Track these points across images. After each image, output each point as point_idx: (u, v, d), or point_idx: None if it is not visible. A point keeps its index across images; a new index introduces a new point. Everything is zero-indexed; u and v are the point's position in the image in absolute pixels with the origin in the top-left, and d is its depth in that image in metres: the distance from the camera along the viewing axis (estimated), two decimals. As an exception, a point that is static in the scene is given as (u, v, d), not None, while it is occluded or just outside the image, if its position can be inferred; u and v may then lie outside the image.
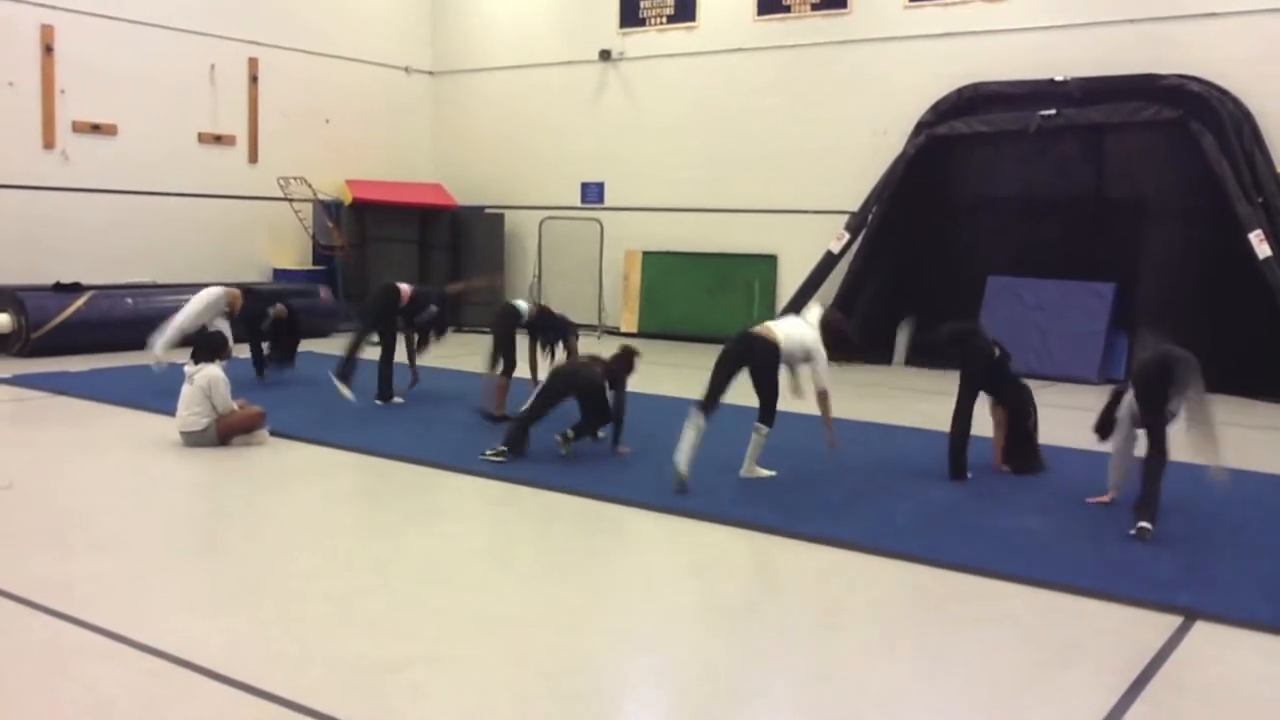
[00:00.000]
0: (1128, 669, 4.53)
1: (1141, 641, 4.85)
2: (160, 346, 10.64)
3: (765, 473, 7.54)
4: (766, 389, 7.40)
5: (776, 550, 6.22)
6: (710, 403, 7.27)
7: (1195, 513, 7.04)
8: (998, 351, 7.85)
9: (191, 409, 8.33)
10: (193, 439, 8.33)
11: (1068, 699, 4.31)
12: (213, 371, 8.43)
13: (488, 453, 7.87)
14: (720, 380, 7.34)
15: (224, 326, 10.79)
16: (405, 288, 10.37)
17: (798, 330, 7.59)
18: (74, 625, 4.65)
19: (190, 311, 10.79)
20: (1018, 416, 7.83)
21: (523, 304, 10.11)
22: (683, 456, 7.10)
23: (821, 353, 7.52)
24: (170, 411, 9.38)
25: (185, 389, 8.41)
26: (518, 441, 7.97)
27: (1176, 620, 5.11)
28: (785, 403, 7.51)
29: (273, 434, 8.63)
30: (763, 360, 7.39)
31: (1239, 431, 9.88)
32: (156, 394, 10.16)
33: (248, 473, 7.80)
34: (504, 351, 9.54)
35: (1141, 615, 5.18)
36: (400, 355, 10.36)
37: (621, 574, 5.88)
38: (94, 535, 6.06)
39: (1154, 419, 6.58)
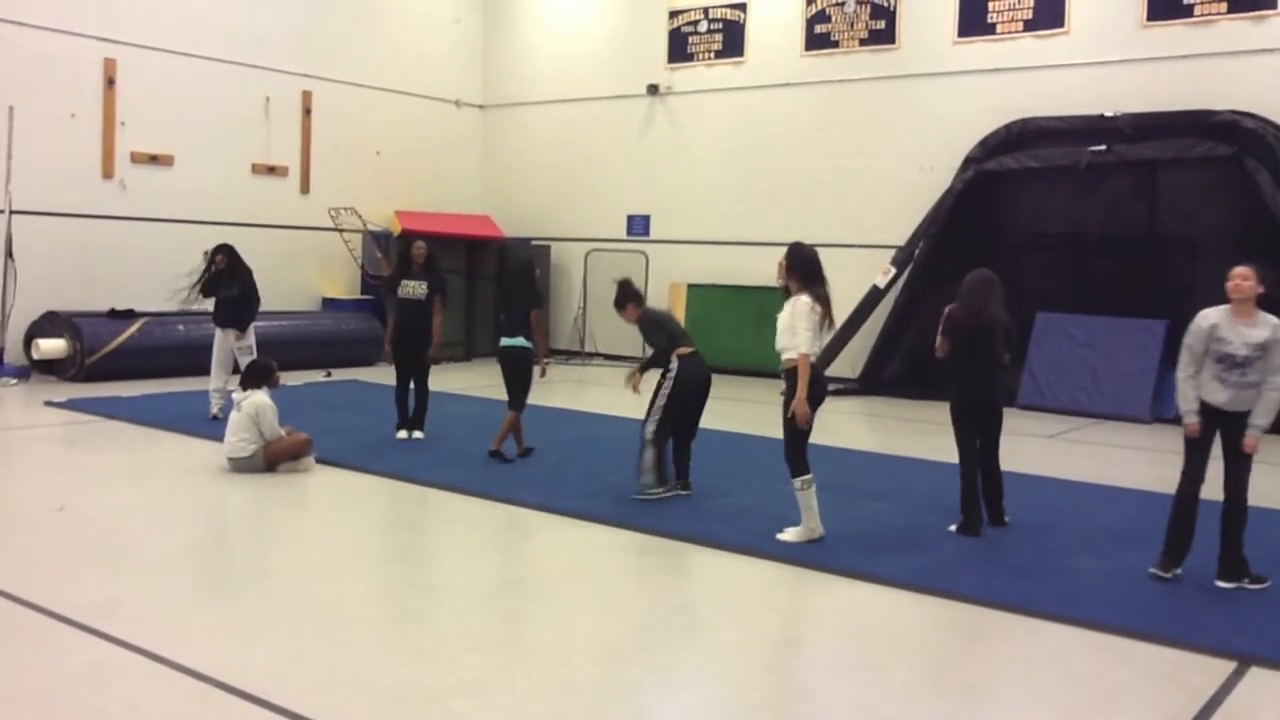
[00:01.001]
0: (1179, 715, 4.43)
1: (1193, 686, 4.74)
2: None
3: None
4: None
5: (819, 586, 6.16)
6: None
7: (1250, 556, 6.88)
8: None
9: (239, 435, 8.42)
10: (240, 465, 8.41)
11: (1117, 744, 4.22)
12: (260, 399, 8.53)
13: (650, 493, 7.71)
14: None
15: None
16: None
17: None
18: (119, 647, 4.70)
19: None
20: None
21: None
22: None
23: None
24: (218, 437, 9.51)
25: (233, 415, 8.52)
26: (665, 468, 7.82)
27: (1230, 665, 4.98)
28: (831, 438, 7.39)
29: (318, 461, 8.70)
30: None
31: None
32: (205, 420, 10.31)
33: (292, 499, 7.86)
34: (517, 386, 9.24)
35: (1193, 659, 5.07)
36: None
37: (664, 608, 5.84)
38: (141, 558, 6.13)
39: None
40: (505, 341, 9.11)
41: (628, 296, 8.16)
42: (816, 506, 6.81)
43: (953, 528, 7.20)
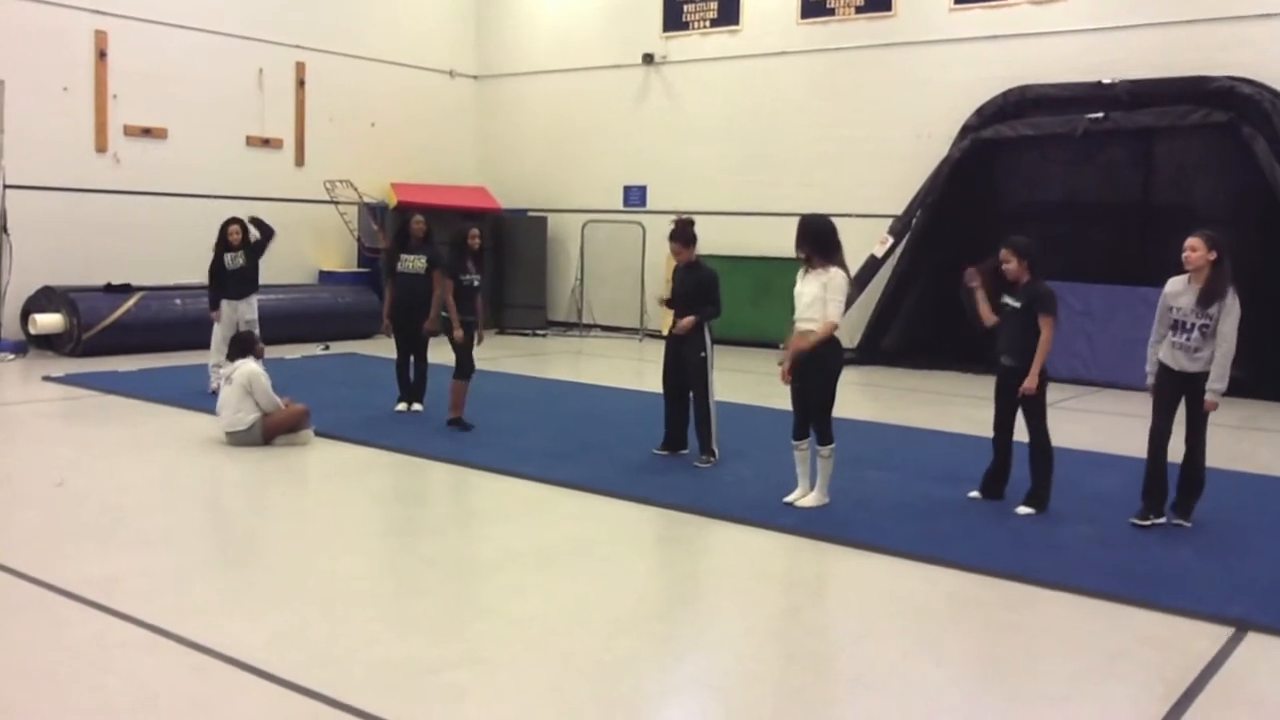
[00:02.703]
0: (1177, 680, 4.46)
1: (1191, 652, 4.77)
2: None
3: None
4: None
5: (816, 555, 6.19)
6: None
7: (1244, 523, 6.94)
8: None
9: (236, 408, 8.42)
10: (239, 438, 8.42)
11: (1115, 709, 4.25)
12: (251, 367, 8.51)
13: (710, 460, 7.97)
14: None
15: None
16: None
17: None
18: (121, 620, 4.72)
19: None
20: None
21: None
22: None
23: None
24: (215, 410, 9.51)
25: (224, 390, 8.51)
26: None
27: (1227, 631, 5.01)
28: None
29: (317, 434, 8.70)
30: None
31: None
32: (204, 394, 10.31)
33: (291, 472, 7.87)
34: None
35: (1191, 625, 5.10)
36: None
37: (664, 578, 5.87)
38: (141, 533, 6.14)
39: None
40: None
41: (691, 238, 8.13)
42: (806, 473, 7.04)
43: (974, 493, 7.24)
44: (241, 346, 8.78)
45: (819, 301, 6.78)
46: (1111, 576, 5.73)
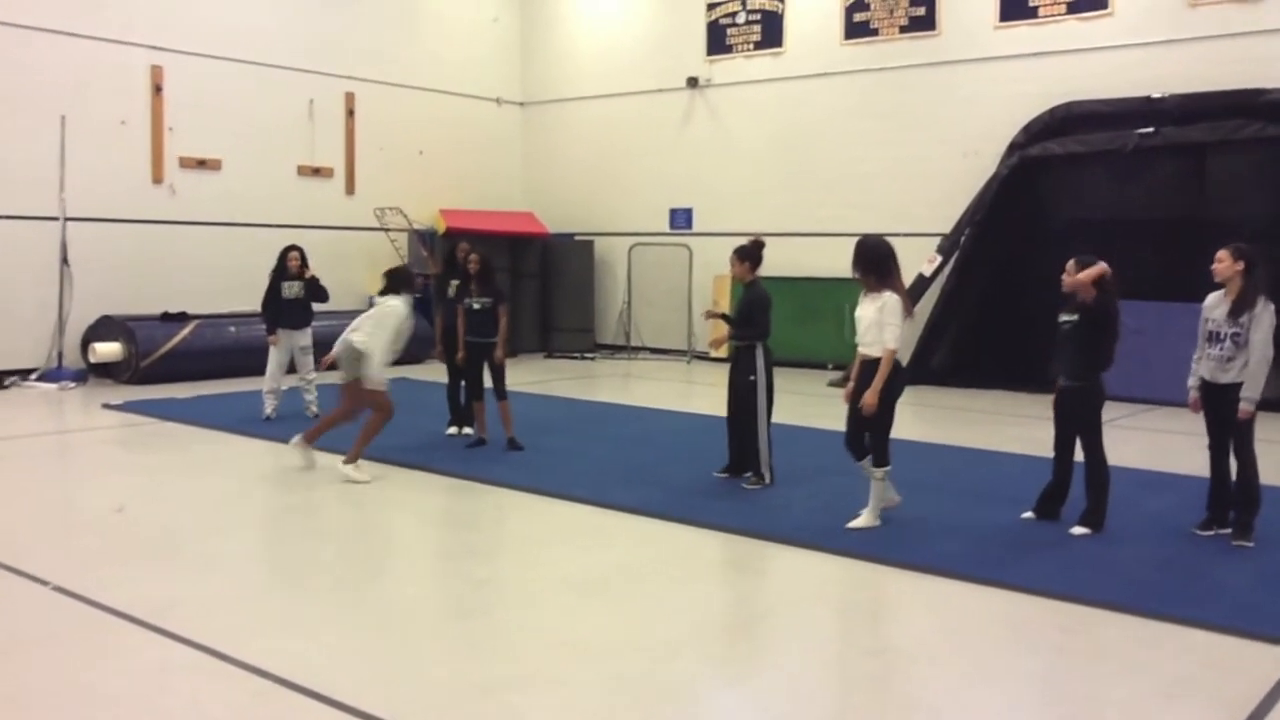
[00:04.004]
0: (1240, 705, 4.37)
1: (1255, 676, 4.68)
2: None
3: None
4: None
5: (869, 577, 6.15)
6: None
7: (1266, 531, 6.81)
8: None
9: (357, 328, 8.39)
10: (346, 356, 8.35)
11: (1176, 733, 4.19)
12: (395, 302, 8.50)
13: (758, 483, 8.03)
14: None
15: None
16: None
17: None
18: (180, 644, 4.79)
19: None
20: None
21: None
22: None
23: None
24: (272, 438, 9.66)
25: (360, 319, 8.52)
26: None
27: (1291, 653, 4.91)
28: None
29: (369, 459, 8.79)
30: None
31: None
32: (259, 421, 10.46)
33: (344, 497, 7.95)
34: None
35: (1254, 648, 5.00)
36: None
37: (717, 602, 5.86)
38: (199, 556, 6.24)
39: None
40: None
41: (757, 259, 8.13)
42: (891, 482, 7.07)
43: (1028, 514, 7.17)
44: (398, 282, 8.73)
45: (875, 326, 6.77)
46: (1170, 598, 5.65)
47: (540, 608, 5.55)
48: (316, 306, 11.13)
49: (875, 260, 6.87)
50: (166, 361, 13.50)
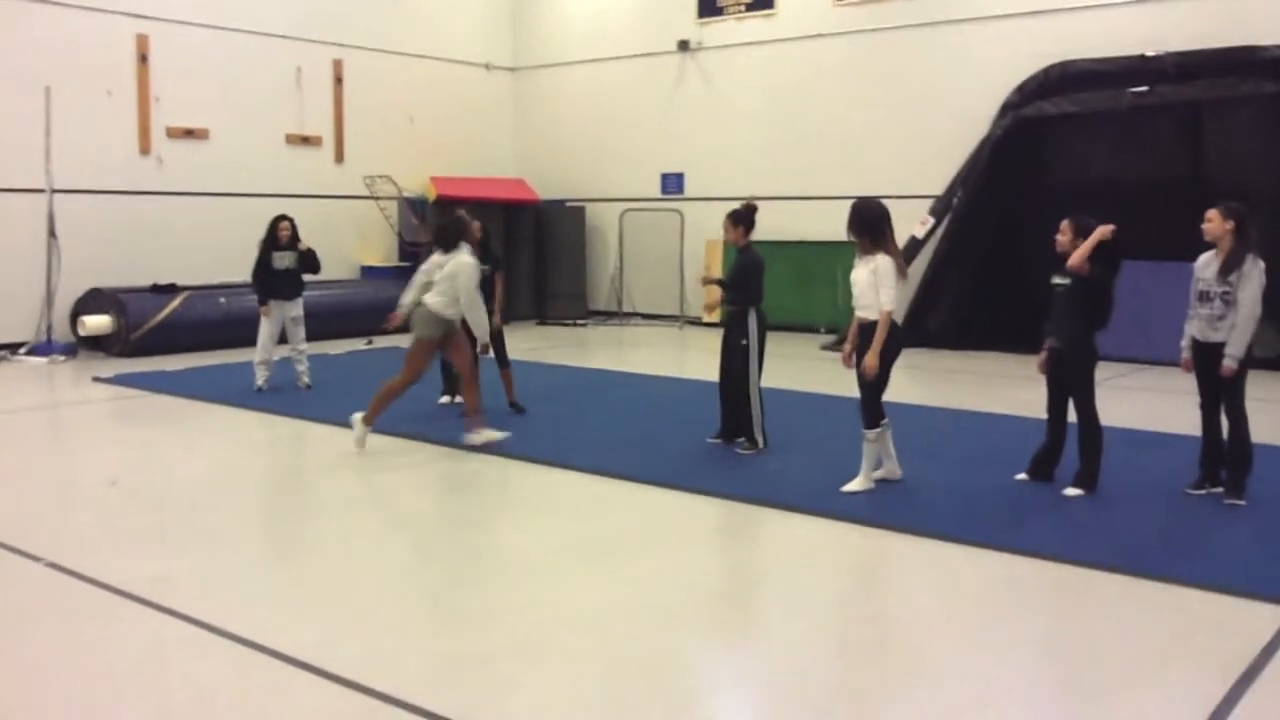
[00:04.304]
0: (1236, 661, 4.38)
1: (1250, 634, 4.68)
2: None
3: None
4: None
5: (864, 541, 6.15)
6: None
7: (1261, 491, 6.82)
8: None
9: (434, 289, 8.10)
10: (423, 321, 8.14)
11: (1175, 693, 4.19)
12: (465, 258, 8.13)
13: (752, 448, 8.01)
14: None
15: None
16: None
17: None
18: (177, 619, 4.77)
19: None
20: None
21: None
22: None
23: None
24: (265, 409, 9.63)
25: (432, 276, 8.21)
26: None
27: (1286, 612, 4.92)
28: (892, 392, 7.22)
29: (367, 426, 8.76)
30: None
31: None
32: (251, 393, 10.42)
33: (338, 469, 7.93)
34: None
35: (1249, 606, 5.01)
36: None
37: (713, 568, 5.85)
38: (193, 530, 6.22)
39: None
40: None
41: (750, 223, 8.08)
42: (892, 453, 7.11)
43: (1021, 475, 7.17)
44: (449, 235, 8.29)
45: (870, 288, 6.75)
46: (1165, 558, 5.65)
47: (538, 577, 5.54)
48: (309, 277, 11.04)
49: (869, 222, 6.84)
50: (157, 334, 13.42)
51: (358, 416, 8.18)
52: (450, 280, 8.07)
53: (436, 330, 8.17)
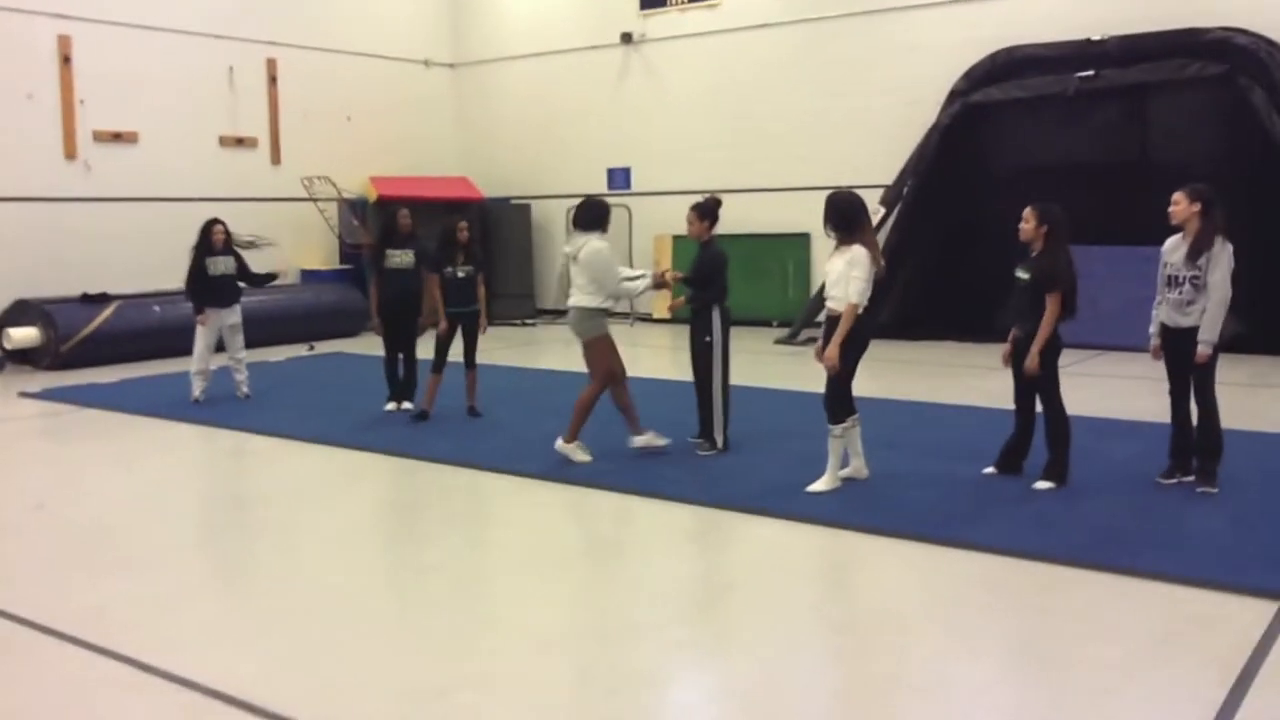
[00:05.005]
0: (1229, 662, 4.20)
1: (1240, 630, 4.51)
2: None
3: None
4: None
5: (833, 544, 5.92)
6: None
7: (1270, 486, 6.70)
8: None
9: (579, 284, 7.59)
10: (581, 319, 7.65)
11: (1171, 696, 3.99)
12: (596, 244, 7.57)
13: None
14: None
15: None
16: None
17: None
18: (103, 656, 4.41)
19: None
20: None
21: None
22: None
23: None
24: (202, 422, 9.24)
25: (569, 270, 7.70)
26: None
27: (1273, 606, 4.75)
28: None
29: (304, 441, 8.40)
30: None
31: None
32: (187, 404, 9.99)
33: (282, 484, 7.57)
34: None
35: (1234, 601, 4.84)
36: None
37: (679, 578, 5.57)
38: (126, 557, 5.84)
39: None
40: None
41: (715, 216, 7.85)
42: (860, 450, 6.87)
43: (989, 469, 6.99)
44: (591, 216, 7.68)
45: (843, 280, 6.54)
46: (1144, 552, 5.48)
47: (493, 594, 5.25)
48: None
49: (844, 214, 6.67)
50: (88, 345, 12.90)
51: (560, 444, 7.62)
52: (585, 270, 7.57)
53: (601, 324, 7.71)
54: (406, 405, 9.61)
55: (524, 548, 5.94)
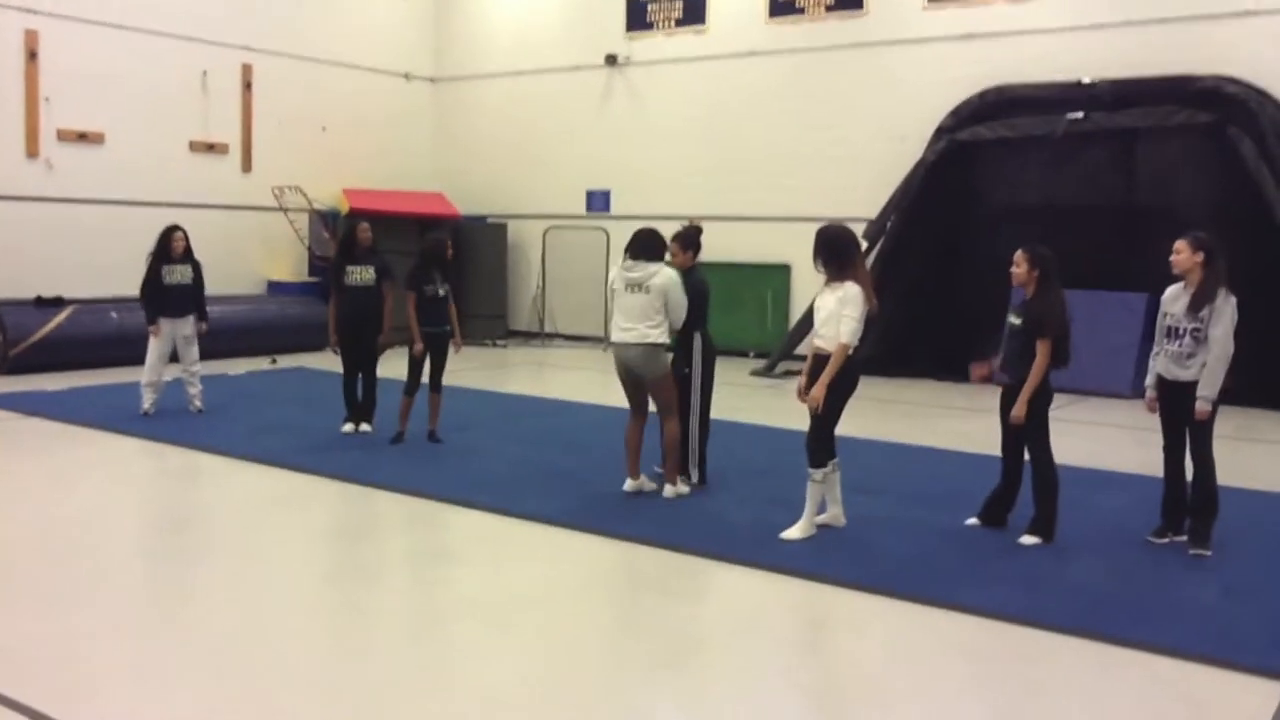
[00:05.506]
0: (1232, 752, 3.88)
1: (1241, 714, 4.18)
2: None
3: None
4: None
5: (808, 599, 5.56)
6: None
7: (1266, 550, 6.40)
8: None
9: (643, 317, 6.96)
10: (642, 359, 7.02)
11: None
12: (667, 272, 7.06)
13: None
14: None
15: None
16: None
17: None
18: (3, 708, 3.99)
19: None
20: None
21: None
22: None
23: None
24: (150, 436, 8.83)
25: (624, 299, 7.04)
26: None
27: (1275, 686, 4.43)
28: (807, 422, 6.65)
29: (255, 461, 7.98)
30: None
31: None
32: (136, 417, 9.56)
33: (225, 509, 7.16)
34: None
35: (1234, 680, 4.51)
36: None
37: (639, 632, 5.19)
38: (45, 588, 5.40)
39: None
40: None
41: (698, 245, 7.58)
42: (838, 496, 6.56)
43: (972, 520, 6.67)
44: (651, 247, 7.12)
45: (834, 319, 6.23)
46: (1135, 620, 5.15)
47: (439, 643, 4.86)
48: (208, 274, 10.21)
49: (836, 249, 6.38)
50: (40, 350, 12.42)
51: (669, 490, 7.20)
52: (658, 299, 7.00)
53: (667, 360, 7.20)
54: (365, 427, 9.21)
55: (476, 590, 5.55)
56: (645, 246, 7.19)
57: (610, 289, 7.37)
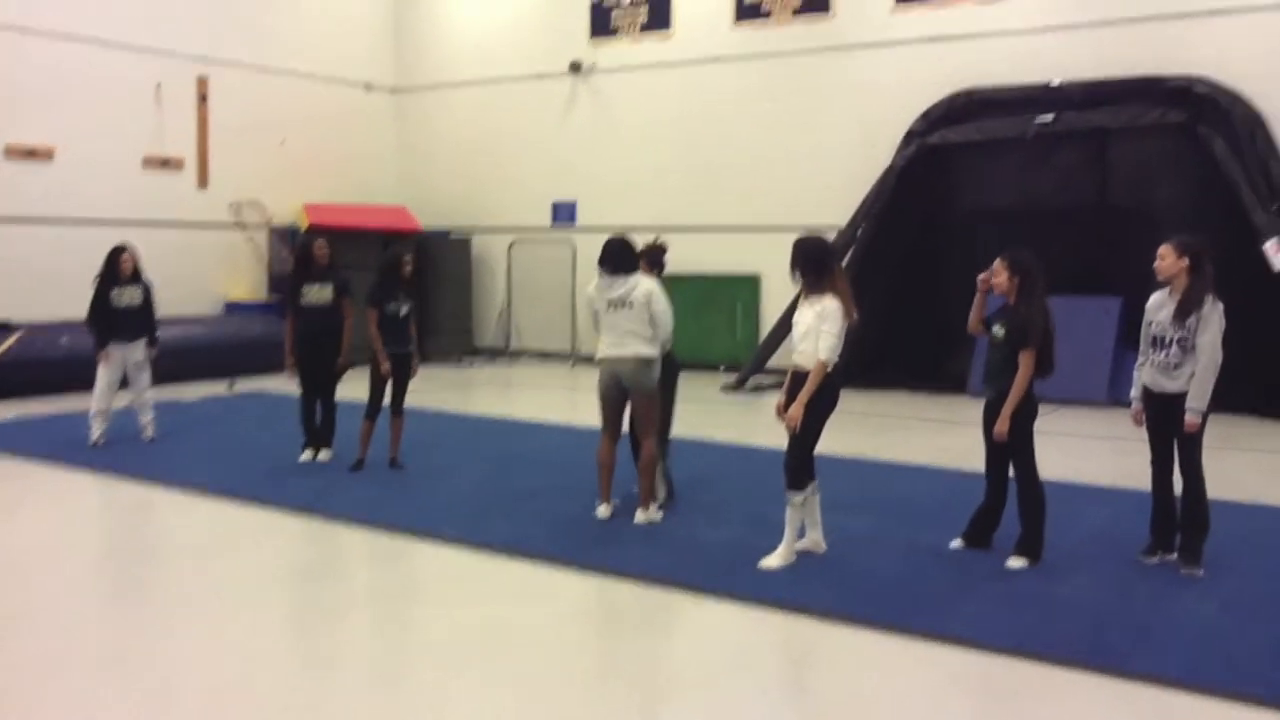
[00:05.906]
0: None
1: (1253, 755, 3.94)
2: None
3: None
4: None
5: (789, 632, 5.28)
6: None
7: (1259, 568, 6.18)
8: None
9: (634, 330, 6.76)
10: (633, 372, 6.78)
11: None
12: (647, 283, 6.85)
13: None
14: None
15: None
16: None
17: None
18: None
19: None
20: None
21: None
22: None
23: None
24: (96, 468, 8.44)
25: (609, 317, 6.86)
26: None
27: (1285, 721, 4.19)
28: (782, 439, 6.39)
29: (210, 491, 7.62)
30: None
31: (1263, 458, 9.12)
32: (83, 448, 9.16)
33: (173, 543, 6.80)
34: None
35: (1242, 713, 4.26)
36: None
37: (609, 673, 4.90)
38: (-24, 636, 5.05)
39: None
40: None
41: (662, 264, 7.44)
42: (818, 520, 6.29)
43: (956, 543, 6.40)
44: (625, 258, 6.92)
45: (812, 334, 5.98)
46: (1135, 649, 4.89)
47: (398, 689, 4.53)
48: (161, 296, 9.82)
49: (813, 260, 6.11)
50: (-16, 377, 11.97)
51: (640, 515, 6.92)
52: (643, 312, 6.80)
53: (655, 374, 6.93)
54: (324, 454, 8.85)
55: (442, 632, 5.23)
56: (619, 257, 6.94)
57: (592, 309, 7.08)
